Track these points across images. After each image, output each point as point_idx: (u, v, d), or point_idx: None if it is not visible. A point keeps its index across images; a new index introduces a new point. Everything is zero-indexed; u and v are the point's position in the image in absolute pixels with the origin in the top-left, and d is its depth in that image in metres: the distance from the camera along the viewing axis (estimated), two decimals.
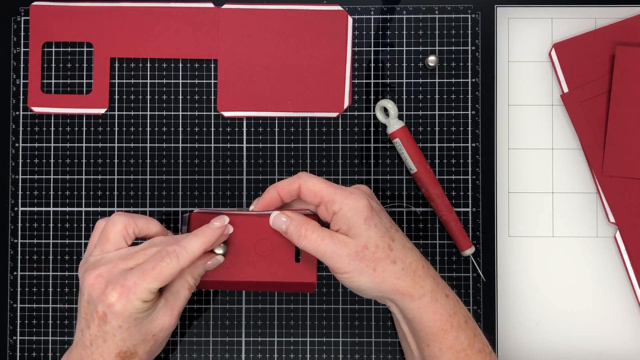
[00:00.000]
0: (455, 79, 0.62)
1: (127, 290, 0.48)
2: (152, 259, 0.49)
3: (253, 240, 0.54)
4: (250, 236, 0.54)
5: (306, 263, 0.54)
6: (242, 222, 0.54)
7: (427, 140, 0.62)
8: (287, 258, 0.54)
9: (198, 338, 0.62)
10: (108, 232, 0.51)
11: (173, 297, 0.51)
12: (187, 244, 0.50)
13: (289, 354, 0.62)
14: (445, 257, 0.62)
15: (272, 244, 0.54)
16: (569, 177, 0.62)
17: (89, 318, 0.49)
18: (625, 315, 0.62)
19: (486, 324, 0.61)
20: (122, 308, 0.48)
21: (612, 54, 0.61)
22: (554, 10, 0.63)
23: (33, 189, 0.62)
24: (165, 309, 0.51)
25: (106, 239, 0.51)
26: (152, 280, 0.48)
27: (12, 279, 0.62)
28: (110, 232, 0.51)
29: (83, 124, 0.63)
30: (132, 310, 0.48)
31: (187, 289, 0.52)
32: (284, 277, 0.54)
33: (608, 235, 0.62)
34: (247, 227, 0.54)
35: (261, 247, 0.54)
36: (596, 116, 0.61)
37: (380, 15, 0.63)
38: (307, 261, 0.54)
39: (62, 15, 0.62)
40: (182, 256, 0.49)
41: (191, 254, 0.49)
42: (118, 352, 0.49)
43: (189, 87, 0.63)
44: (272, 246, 0.54)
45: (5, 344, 0.62)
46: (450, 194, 0.62)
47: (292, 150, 0.62)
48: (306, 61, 0.62)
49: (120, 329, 0.48)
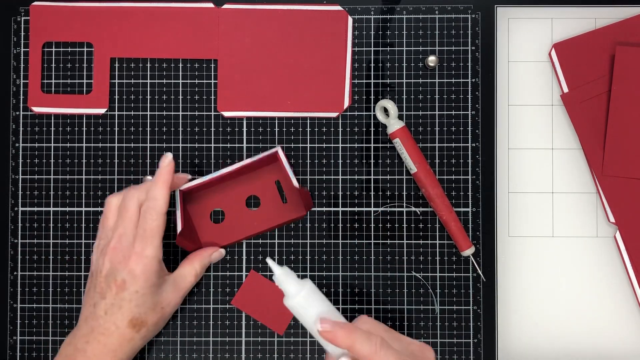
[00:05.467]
0: (455, 79, 0.62)
1: (140, 255, 0.54)
2: (142, 222, 0.54)
3: (242, 198, 0.61)
4: (239, 196, 0.61)
5: (292, 201, 0.61)
6: (229, 187, 0.61)
7: (427, 140, 0.62)
8: (276, 203, 0.61)
9: (198, 338, 0.62)
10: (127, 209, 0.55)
11: (181, 279, 0.58)
12: (154, 193, 0.55)
13: (289, 354, 0.62)
14: (445, 257, 0.62)
15: (260, 195, 0.61)
16: (569, 177, 0.62)
17: (105, 289, 0.54)
18: (625, 315, 0.62)
19: (486, 324, 0.61)
20: (141, 270, 0.54)
21: (612, 54, 0.61)
22: (554, 10, 0.63)
23: (33, 189, 0.62)
24: (173, 287, 0.57)
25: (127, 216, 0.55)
26: (152, 239, 0.54)
27: (12, 279, 0.62)
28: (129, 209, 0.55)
29: (83, 124, 0.63)
30: (150, 271, 0.54)
31: (194, 275, 0.58)
32: (278, 220, 0.61)
33: (608, 235, 0.62)
34: (234, 189, 0.61)
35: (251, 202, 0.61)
36: (596, 116, 0.61)
37: (380, 15, 0.63)
38: (292, 199, 0.61)
39: (62, 15, 0.62)
40: (157, 206, 0.55)
41: (162, 199, 0.55)
42: (131, 319, 0.54)
43: (189, 87, 0.63)
44: (261, 197, 0.61)
45: (5, 344, 0.62)
46: (450, 194, 0.62)
47: (292, 150, 0.62)
48: (306, 61, 0.62)
49: (137, 294, 0.54)
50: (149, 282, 0.54)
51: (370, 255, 0.62)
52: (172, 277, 0.57)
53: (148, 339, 0.57)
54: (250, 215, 0.61)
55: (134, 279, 0.54)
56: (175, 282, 0.57)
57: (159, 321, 0.56)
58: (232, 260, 0.62)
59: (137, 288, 0.54)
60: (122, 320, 0.54)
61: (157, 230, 0.55)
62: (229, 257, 0.62)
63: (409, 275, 0.62)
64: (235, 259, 0.62)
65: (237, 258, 0.62)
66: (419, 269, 0.62)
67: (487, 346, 0.61)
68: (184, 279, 0.58)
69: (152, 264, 0.54)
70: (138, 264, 0.54)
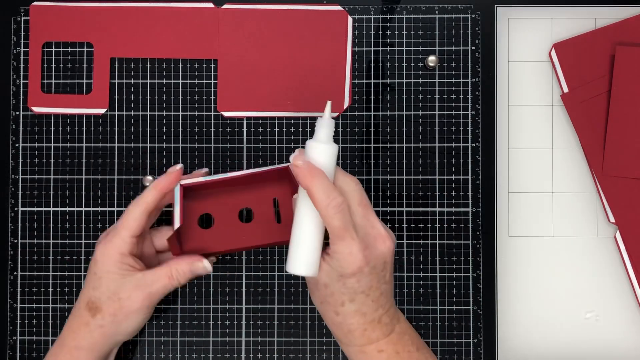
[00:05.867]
0: (455, 79, 0.62)
1: (107, 241, 0.55)
2: (123, 214, 0.55)
3: (236, 208, 0.57)
4: (234, 205, 0.57)
5: (288, 223, 0.55)
6: (226, 193, 0.57)
7: (427, 140, 0.62)
8: (269, 221, 0.57)
9: (198, 338, 0.62)
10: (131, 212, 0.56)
11: (152, 278, 0.55)
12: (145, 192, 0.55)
13: (289, 354, 0.62)
14: (445, 257, 0.62)
15: (254, 210, 0.57)
16: (569, 177, 0.62)
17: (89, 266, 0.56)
18: (625, 315, 0.62)
19: (486, 324, 0.61)
20: (99, 255, 0.55)
21: (612, 54, 0.61)
22: (554, 10, 0.63)
23: (33, 189, 0.62)
24: (139, 283, 0.54)
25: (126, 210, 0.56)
26: (123, 230, 0.54)
27: (12, 279, 0.62)
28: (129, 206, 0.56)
29: (83, 124, 0.63)
30: (108, 257, 0.54)
31: (168, 277, 0.54)
32: (268, 240, 0.57)
33: (608, 235, 0.62)
34: (230, 197, 0.57)
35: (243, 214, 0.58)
36: (596, 116, 0.61)
37: (380, 15, 0.63)
38: (288, 221, 0.56)
39: (62, 15, 0.62)
40: (139, 202, 0.55)
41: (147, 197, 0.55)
42: (87, 302, 0.55)
43: (189, 87, 0.63)
44: (255, 212, 0.57)
45: (5, 344, 0.62)
46: (451, 194, 0.62)
47: (292, 150, 0.62)
48: (306, 61, 0.62)
49: (95, 276, 0.55)
50: (105, 267, 0.54)
51: None
52: (141, 274, 0.54)
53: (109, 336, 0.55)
54: (241, 229, 0.57)
55: (95, 261, 0.55)
56: (143, 279, 0.54)
57: (116, 313, 0.54)
58: (232, 260, 0.62)
59: (95, 270, 0.55)
60: (82, 301, 0.55)
61: (130, 223, 0.54)
62: (229, 257, 0.62)
63: (409, 275, 0.62)
64: (235, 259, 0.62)
65: (237, 258, 0.62)
66: (419, 269, 0.62)
67: (487, 346, 0.61)
68: (155, 278, 0.54)
69: (111, 252, 0.54)
70: (99, 248, 0.55)
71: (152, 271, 0.55)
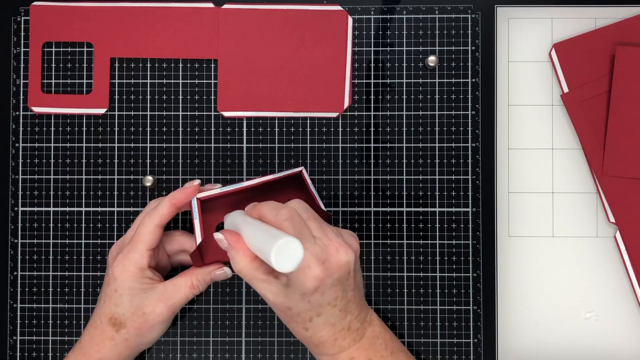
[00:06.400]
0: (455, 79, 0.62)
1: (124, 257, 0.55)
2: (138, 228, 0.55)
3: None
4: None
5: None
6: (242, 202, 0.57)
7: (427, 140, 0.62)
8: None
9: (198, 338, 0.62)
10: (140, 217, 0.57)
11: (173, 289, 0.55)
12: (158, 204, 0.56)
13: (289, 354, 0.62)
14: (445, 257, 0.62)
15: None
16: (569, 177, 0.63)
17: (105, 280, 0.56)
18: (625, 315, 0.62)
19: (486, 324, 0.61)
20: (119, 272, 0.55)
21: (612, 54, 0.61)
22: (554, 10, 0.63)
23: (33, 189, 0.62)
24: (161, 295, 0.55)
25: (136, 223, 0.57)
26: (138, 244, 0.54)
27: (12, 279, 0.62)
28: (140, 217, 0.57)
29: (83, 124, 0.63)
30: (128, 274, 0.54)
31: (189, 287, 0.56)
32: None
33: (608, 235, 0.62)
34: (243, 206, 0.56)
35: None
36: (596, 116, 0.61)
37: (380, 15, 0.63)
38: None
39: (62, 15, 0.62)
40: (153, 215, 0.55)
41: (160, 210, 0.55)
42: (110, 317, 0.55)
43: (189, 87, 0.63)
44: None
45: (5, 344, 0.62)
46: (450, 194, 0.62)
47: (292, 150, 0.62)
48: (306, 61, 0.62)
49: (116, 293, 0.55)
50: (126, 284, 0.54)
51: (370, 255, 0.62)
52: (162, 286, 0.55)
53: (134, 347, 0.56)
54: None
55: (114, 278, 0.55)
56: (164, 291, 0.55)
57: (141, 327, 0.55)
58: None
59: (115, 287, 0.55)
60: (104, 316, 0.55)
61: (146, 237, 0.54)
62: None
63: (409, 275, 0.62)
64: None
65: None
66: (419, 269, 0.62)
67: (487, 346, 0.61)
68: (177, 290, 0.55)
69: (130, 268, 0.54)
70: (118, 265, 0.55)
71: (173, 282, 0.56)
